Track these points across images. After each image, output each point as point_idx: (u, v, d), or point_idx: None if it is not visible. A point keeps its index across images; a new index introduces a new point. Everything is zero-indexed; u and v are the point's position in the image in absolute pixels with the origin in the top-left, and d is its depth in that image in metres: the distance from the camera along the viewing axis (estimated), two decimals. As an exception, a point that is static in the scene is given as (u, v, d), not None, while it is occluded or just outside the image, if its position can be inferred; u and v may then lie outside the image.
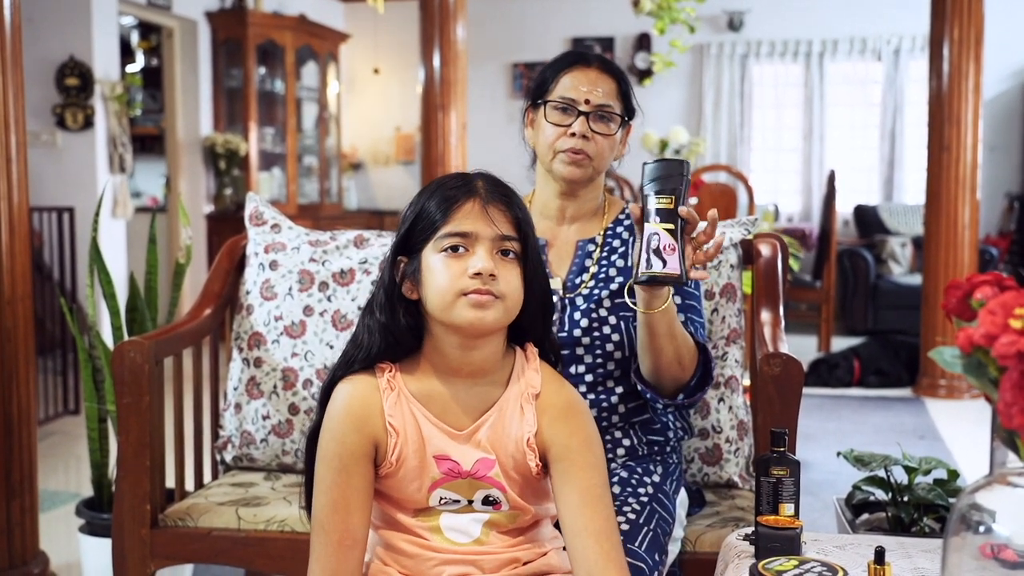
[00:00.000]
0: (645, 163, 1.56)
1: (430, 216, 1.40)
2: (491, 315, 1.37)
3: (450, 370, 1.43)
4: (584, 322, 1.79)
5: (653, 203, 1.54)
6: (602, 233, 1.87)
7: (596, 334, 1.79)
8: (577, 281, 1.83)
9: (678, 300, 1.81)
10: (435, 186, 1.44)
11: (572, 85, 1.81)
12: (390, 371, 1.44)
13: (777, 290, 2.13)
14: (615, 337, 1.79)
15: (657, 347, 1.67)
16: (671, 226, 1.53)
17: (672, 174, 1.54)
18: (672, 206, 1.53)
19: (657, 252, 1.53)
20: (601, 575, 1.37)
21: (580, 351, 1.79)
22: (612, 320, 1.79)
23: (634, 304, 1.67)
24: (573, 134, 1.78)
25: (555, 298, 1.79)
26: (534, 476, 1.45)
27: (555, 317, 1.78)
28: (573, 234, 1.87)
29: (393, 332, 1.43)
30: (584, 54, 1.86)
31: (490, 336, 1.41)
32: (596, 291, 1.81)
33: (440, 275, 1.38)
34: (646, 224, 1.54)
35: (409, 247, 1.43)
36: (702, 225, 1.62)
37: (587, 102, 1.79)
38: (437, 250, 1.39)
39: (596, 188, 1.88)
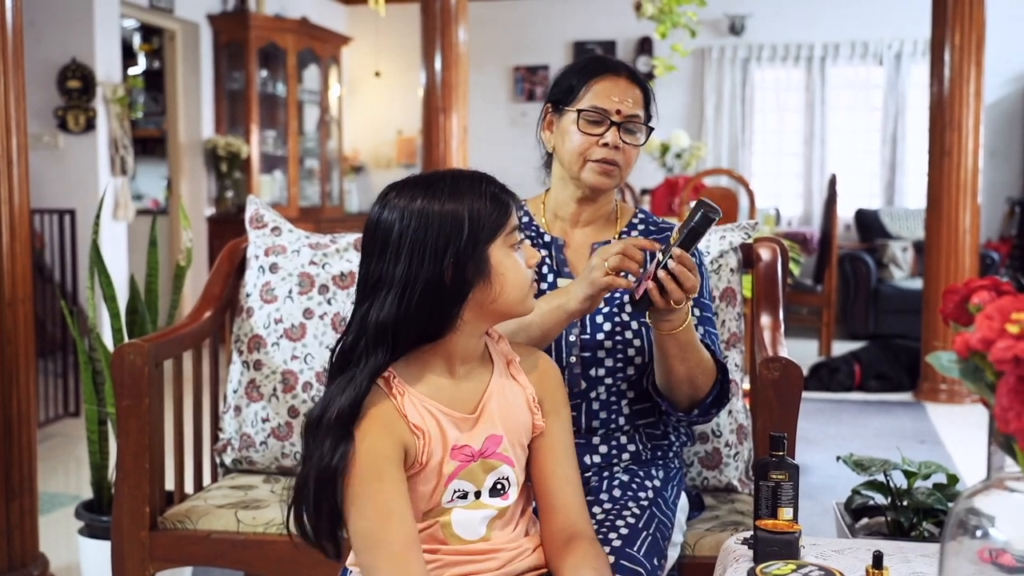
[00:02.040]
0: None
1: (492, 217, 1.44)
2: None
3: (456, 359, 1.48)
4: (607, 326, 1.80)
5: (673, 234, 1.60)
6: (617, 236, 1.87)
7: (619, 338, 1.79)
8: None
9: (697, 313, 1.81)
10: (476, 188, 1.45)
11: (604, 95, 1.79)
12: (393, 377, 1.45)
13: (777, 294, 2.13)
14: (637, 343, 1.79)
15: (667, 365, 1.68)
16: (661, 257, 1.58)
17: (694, 216, 1.58)
18: (674, 240, 1.58)
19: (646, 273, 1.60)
20: (578, 518, 1.52)
21: (601, 354, 1.79)
22: (634, 325, 1.79)
23: (648, 319, 1.68)
24: (605, 144, 1.78)
25: None
26: (528, 442, 1.54)
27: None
28: (587, 236, 1.88)
29: (433, 326, 1.44)
30: (613, 62, 1.85)
31: None
32: (616, 295, 1.81)
33: (518, 271, 1.47)
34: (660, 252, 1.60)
35: (468, 248, 1.42)
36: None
37: (619, 112, 1.78)
38: (507, 245, 1.46)
39: (612, 193, 1.88)
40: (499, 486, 1.48)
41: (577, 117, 1.80)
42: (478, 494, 1.47)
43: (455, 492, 1.46)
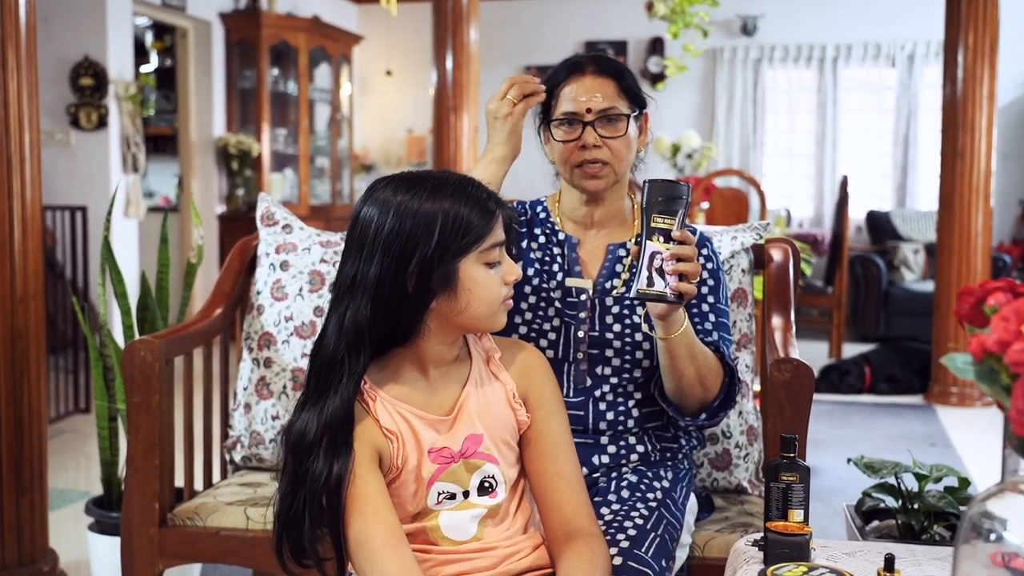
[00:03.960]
0: (649, 180, 1.57)
1: (467, 230, 1.41)
2: None
3: (429, 363, 1.48)
4: (617, 327, 1.79)
5: (659, 221, 1.54)
6: (633, 239, 1.86)
7: (628, 340, 1.79)
8: (608, 286, 1.83)
9: (712, 319, 1.81)
10: (458, 196, 1.42)
11: (571, 97, 1.79)
12: (364, 382, 1.45)
13: (788, 295, 2.12)
14: (646, 346, 1.79)
15: (679, 370, 1.67)
16: (670, 246, 1.54)
17: (679, 196, 1.55)
18: (673, 227, 1.54)
19: (660, 271, 1.54)
20: (573, 515, 1.48)
21: (609, 353, 1.79)
22: (645, 328, 1.79)
23: (652, 332, 1.68)
24: (584, 146, 1.77)
25: (583, 297, 1.81)
26: (517, 439, 1.52)
27: (584, 315, 1.80)
28: (603, 239, 1.87)
29: (399, 331, 1.44)
30: (577, 62, 1.84)
31: None
32: (627, 298, 1.81)
33: (488, 287, 1.44)
34: (648, 241, 1.54)
35: (435, 257, 1.40)
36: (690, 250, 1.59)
37: (589, 111, 1.77)
38: (481, 262, 1.43)
39: (621, 189, 1.87)
40: (486, 485, 1.48)
41: (553, 127, 1.81)
42: (466, 494, 1.47)
43: (440, 494, 1.46)
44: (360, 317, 1.40)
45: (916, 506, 1.98)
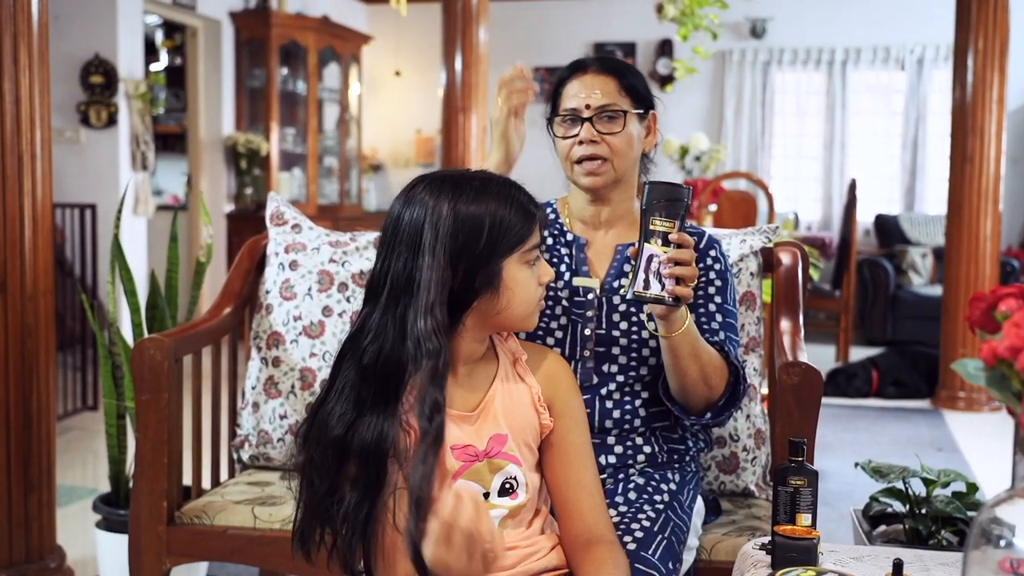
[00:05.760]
0: (649, 182, 1.57)
1: (513, 230, 1.43)
2: None
3: (458, 361, 1.49)
4: (624, 325, 1.80)
5: (658, 224, 1.55)
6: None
7: (635, 337, 1.79)
8: (615, 285, 1.83)
9: (719, 319, 1.81)
10: (503, 196, 1.44)
11: (572, 94, 1.82)
12: None
13: (797, 299, 2.12)
14: (652, 343, 1.79)
15: (682, 368, 1.67)
16: (668, 250, 1.54)
17: (679, 199, 1.55)
18: (672, 230, 1.55)
19: (657, 274, 1.54)
20: (594, 523, 1.50)
21: (616, 351, 1.80)
22: (650, 327, 1.79)
23: (654, 331, 1.68)
24: (582, 142, 1.79)
25: (591, 296, 1.81)
26: (538, 443, 1.53)
27: (591, 314, 1.80)
28: (611, 239, 1.88)
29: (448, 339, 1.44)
30: (581, 61, 1.87)
31: None
32: (626, 300, 1.81)
33: (528, 287, 1.47)
34: (645, 244, 1.55)
35: (482, 257, 1.42)
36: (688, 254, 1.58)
37: (587, 107, 1.80)
38: (523, 262, 1.46)
39: (628, 189, 1.87)
40: (507, 486, 1.48)
41: (555, 124, 1.84)
42: (487, 495, 1.47)
43: None
44: (434, 320, 1.38)
45: (924, 511, 1.98)
